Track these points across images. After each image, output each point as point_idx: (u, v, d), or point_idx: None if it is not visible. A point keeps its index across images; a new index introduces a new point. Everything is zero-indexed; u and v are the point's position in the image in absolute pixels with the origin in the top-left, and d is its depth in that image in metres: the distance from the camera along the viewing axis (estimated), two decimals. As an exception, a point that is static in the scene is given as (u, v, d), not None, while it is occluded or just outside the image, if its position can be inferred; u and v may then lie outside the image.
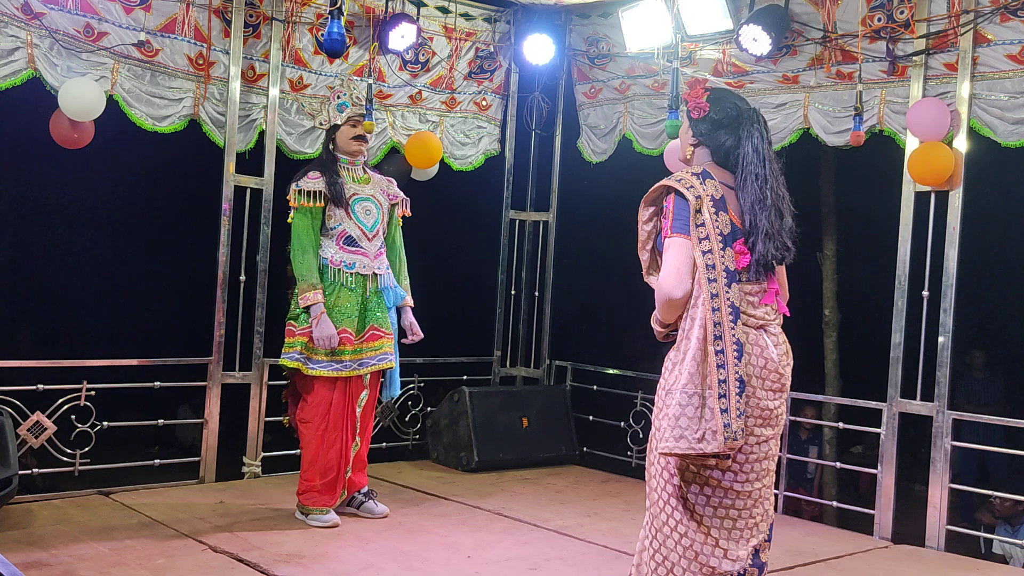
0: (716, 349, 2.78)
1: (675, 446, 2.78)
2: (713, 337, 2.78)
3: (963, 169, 4.94)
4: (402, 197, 5.14)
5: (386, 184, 5.10)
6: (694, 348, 2.79)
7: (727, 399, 2.76)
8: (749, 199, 2.90)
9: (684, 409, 2.78)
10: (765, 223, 2.89)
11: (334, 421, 4.80)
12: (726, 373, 2.77)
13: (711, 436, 2.75)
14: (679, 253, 2.84)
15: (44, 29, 4.86)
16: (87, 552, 4.16)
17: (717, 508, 2.89)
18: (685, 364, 2.80)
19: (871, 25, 5.22)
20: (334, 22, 5.01)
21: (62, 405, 5.12)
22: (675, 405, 2.79)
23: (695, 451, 2.76)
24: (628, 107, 6.53)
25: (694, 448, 2.76)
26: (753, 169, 2.92)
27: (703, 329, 2.79)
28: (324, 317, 4.70)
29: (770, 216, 2.89)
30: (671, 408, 2.81)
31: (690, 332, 2.82)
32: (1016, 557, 6.04)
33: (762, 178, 2.91)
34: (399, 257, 5.14)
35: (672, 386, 2.83)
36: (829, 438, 7.69)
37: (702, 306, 2.80)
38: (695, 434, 2.76)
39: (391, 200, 5.08)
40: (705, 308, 2.79)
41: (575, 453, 6.62)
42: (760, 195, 2.89)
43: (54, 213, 8.67)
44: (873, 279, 6.76)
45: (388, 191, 5.08)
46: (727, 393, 2.76)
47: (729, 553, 2.88)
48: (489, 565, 4.34)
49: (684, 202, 2.85)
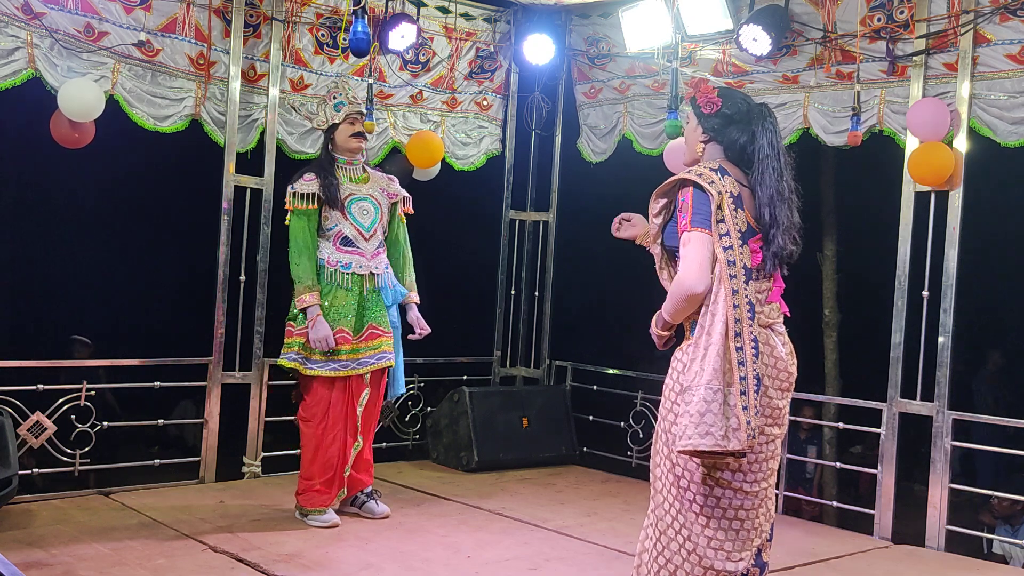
0: (736, 346, 2.75)
1: (700, 443, 2.72)
2: (734, 334, 2.76)
3: (963, 169, 4.94)
4: (403, 195, 5.14)
5: (387, 182, 5.10)
6: (717, 344, 2.75)
7: (747, 396, 2.73)
8: (768, 192, 2.89)
9: (710, 405, 2.72)
10: (784, 217, 2.89)
11: (333, 420, 4.80)
12: (745, 370, 2.75)
13: (733, 434, 2.71)
14: (701, 247, 2.81)
15: (44, 29, 4.86)
16: (87, 552, 4.16)
17: (727, 509, 2.87)
18: (708, 360, 2.75)
19: (871, 25, 5.22)
20: (358, 21, 5.00)
21: (62, 405, 5.12)
22: (699, 401, 2.74)
23: (720, 448, 2.72)
24: (628, 107, 6.52)
25: (719, 445, 2.71)
26: (770, 163, 2.92)
27: (725, 325, 2.76)
28: (320, 319, 4.70)
29: (786, 210, 2.91)
30: (694, 405, 2.75)
31: (711, 328, 2.78)
32: (1016, 557, 6.05)
33: (778, 172, 2.92)
34: (403, 254, 5.13)
35: (693, 383, 2.78)
36: (829, 438, 7.70)
37: (723, 302, 2.77)
38: (720, 431, 2.71)
39: (392, 198, 5.08)
40: (727, 304, 2.77)
41: (575, 453, 6.62)
42: (778, 188, 2.90)
43: (54, 213, 8.67)
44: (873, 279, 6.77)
45: (388, 189, 5.08)
46: (747, 390, 2.74)
47: (732, 555, 2.87)
48: (489, 565, 4.34)
49: (705, 196, 2.82)
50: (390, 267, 5.02)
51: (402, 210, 5.13)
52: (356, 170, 4.99)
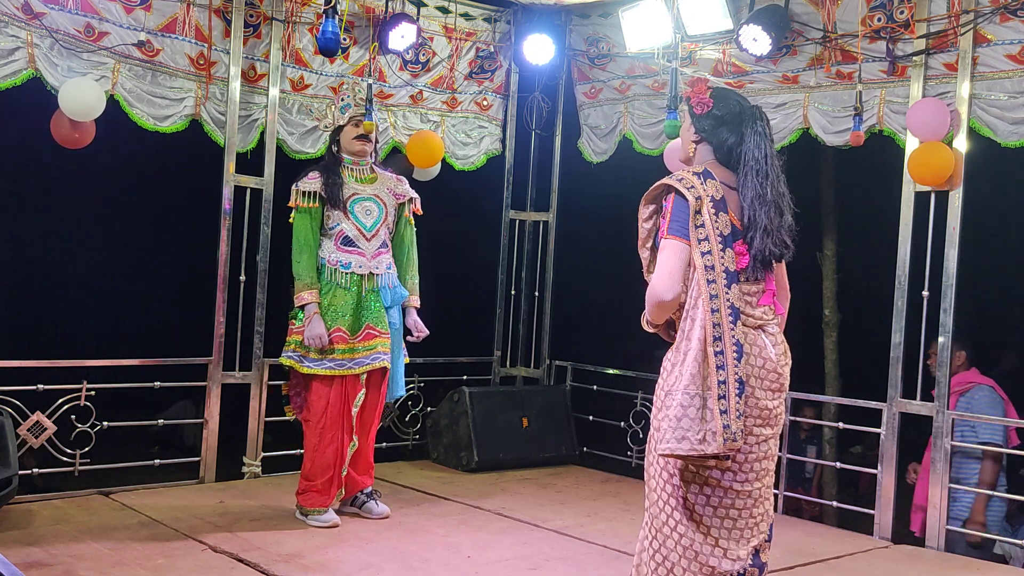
0: (716, 351, 2.78)
1: (676, 447, 2.78)
2: (712, 338, 2.78)
3: (963, 169, 4.94)
4: (411, 195, 5.13)
5: (394, 183, 5.09)
6: (695, 350, 2.79)
7: (727, 400, 2.76)
8: (749, 194, 2.90)
9: (686, 410, 2.77)
10: (764, 219, 2.89)
11: (331, 420, 4.80)
12: (725, 374, 2.77)
13: (711, 437, 2.75)
14: (673, 255, 2.84)
15: (44, 29, 4.86)
16: (87, 552, 4.16)
17: (717, 508, 2.89)
18: (686, 365, 2.79)
19: (871, 25, 5.22)
20: (328, 21, 5.02)
21: (62, 405, 5.12)
22: (676, 406, 2.79)
23: (696, 452, 2.77)
24: (628, 107, 6.53)
25: (695, 449, 2.76)
26: (755, 165, 2.92)
27: (703, 330, 2.79)
28: (316, 317, 4.72)
29: (769, 212, 2.90)
30: (672, 409, 2.80)
31: (690, 333, 2.82)
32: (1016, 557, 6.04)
33: (763, 174, 2.92)
34: (407, 256, 5.12)
35: (672, 387, 2.83)
36: (829, 438, 7.68)
37: (702, 307, 2.80)
38: (696, 435, 2.76)
39: (399, 199, 5.08)
40: (705, 309, 2.79)
41: (575, 453, 6.62)
42: (760, 191, 2.90)
43: (54, 213, 8.66)
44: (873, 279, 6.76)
45: (396, 190, 5.07)
46: (727, 394, 2.76)
47: (729, 553, 2.88)
48: (489, 565, 4.34)
49: (684, 202, 2.84)
50: (393, 267, 5.01)
51: (410, 211, 5.13)
52: (363, 170, 4.99)
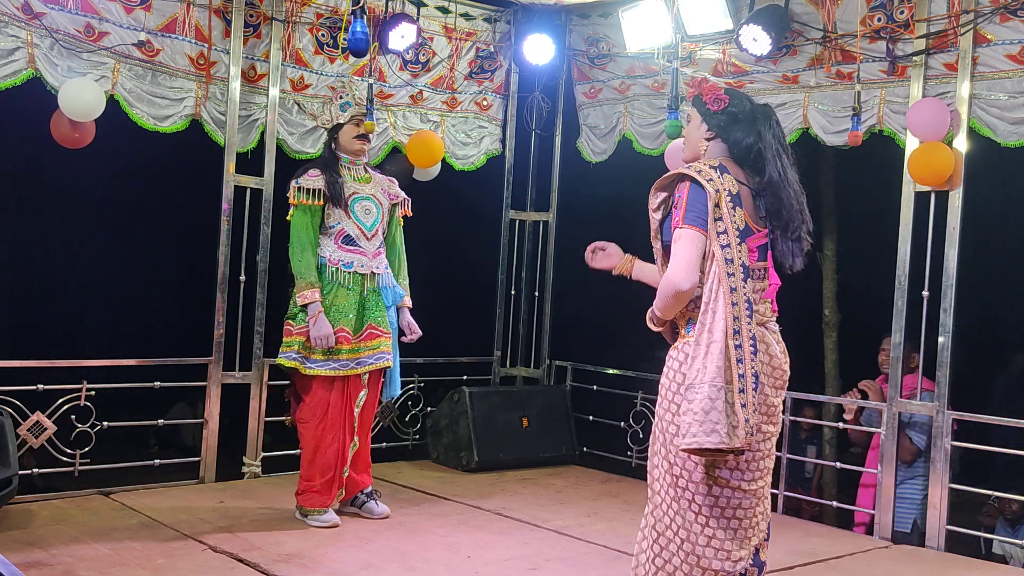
0: (735, 344, 2.75)
1: (706, 440, 2.71)
2: (733, 331, 2.75)
3: (963, 169, 4.94)
4: (403, 197, 5.14)
5: (387, 184, 5.11)
6: (720, 341, 2.75)
7: (745, 394, 2.73)
8: (772, 194, 2.90)
9: (715, 403, 2.71)
10: (788, 218, 2.91)
11: (332, 421, 4.80)
12: (744, 368, 2.74)
13: (734, 431, 2.71)
14: (690, 245, 2.81)
15: (44, 29, 4.86)
16: (87, 552, 4.16)
17: (725, 508, 2.87)
18: (711, 358, 2.74)
19: (871, 25, 5.22)
20: (357, 21, 5.02)
21: (62, 405, 5.12)
22: (704, 399, 2.72)
23: (725, 446, 2.70)
24: (628, 107, 6.53)
25: (724, 443, 2.70)
26: (776, 164, 2.92)
27: (725, 322, 2.76)
28: (321, 316, 4.70)
29: (791, 212, 2.91)
30: (698, 403, 2.73)
31: (713, 326, 2.77)
32: (1016, 557, 6.04)
33: (781, 172, 2.92)
34: (399, 257, 5.14)
35: (695, 380, 2.76)
36: (829, 438, 7.68)
37: (723, 299, 2.77)
38: (725, 428, 2.70)
39: (392, 200, 5.09)
40: (726, 302, 2.76)
41: (575, 453, 6.62)
42: (784, 191, 2.91)
43: (54, 213, 8.65)
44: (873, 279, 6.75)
45: (389, 191, 5.09)
46: (745, 388, 2.73)
47: (732, 555, 2.87)
48: (489, 565, 4.34)
49: (702, 193, 2.82)
50: (389, 268, 5.02)
51: (401, 212, 5.14)
52: (359, 170, 5.00)
